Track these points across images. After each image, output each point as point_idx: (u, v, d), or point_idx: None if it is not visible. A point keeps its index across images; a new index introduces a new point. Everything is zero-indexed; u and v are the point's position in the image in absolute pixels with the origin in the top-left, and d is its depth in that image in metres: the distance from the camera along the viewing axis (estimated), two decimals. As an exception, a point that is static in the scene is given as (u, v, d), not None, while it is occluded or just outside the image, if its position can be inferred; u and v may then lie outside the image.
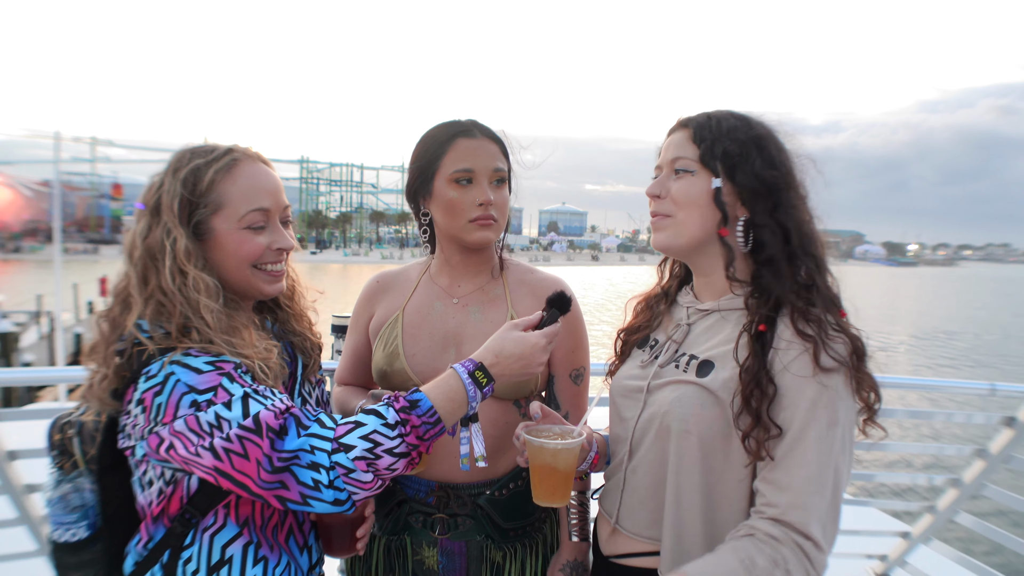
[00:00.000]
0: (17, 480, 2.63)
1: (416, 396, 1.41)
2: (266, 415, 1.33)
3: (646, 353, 1.69)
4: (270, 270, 1.58)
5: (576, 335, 1.92)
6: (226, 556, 1.49)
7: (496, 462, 1.82)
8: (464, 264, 1.94)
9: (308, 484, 1.32)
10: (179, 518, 1.47)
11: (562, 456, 1.50)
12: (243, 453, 1.30)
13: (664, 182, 1.59)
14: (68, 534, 1.51)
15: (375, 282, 2.08)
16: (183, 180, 1.48)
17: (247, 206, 1.52)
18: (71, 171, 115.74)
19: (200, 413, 1.32)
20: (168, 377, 1.35)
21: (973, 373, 28.56)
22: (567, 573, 1.87)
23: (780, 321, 1.44)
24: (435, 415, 1.40)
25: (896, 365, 30.43)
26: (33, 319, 25.88)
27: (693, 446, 1.48)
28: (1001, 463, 3.08)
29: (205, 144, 1.56)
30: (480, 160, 1.81)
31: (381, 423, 1.36)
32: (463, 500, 1.84)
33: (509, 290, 1.93)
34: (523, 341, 1.49)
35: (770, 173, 1.51)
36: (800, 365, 1.38)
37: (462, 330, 1.89)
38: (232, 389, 1.36)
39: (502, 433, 1.81)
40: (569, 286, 1.94)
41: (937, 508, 3.31)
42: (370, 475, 1.34)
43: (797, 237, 1.51)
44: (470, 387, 1.44)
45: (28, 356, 20.32)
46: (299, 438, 1.34)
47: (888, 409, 3.71)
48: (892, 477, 3.97)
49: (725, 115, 1.57)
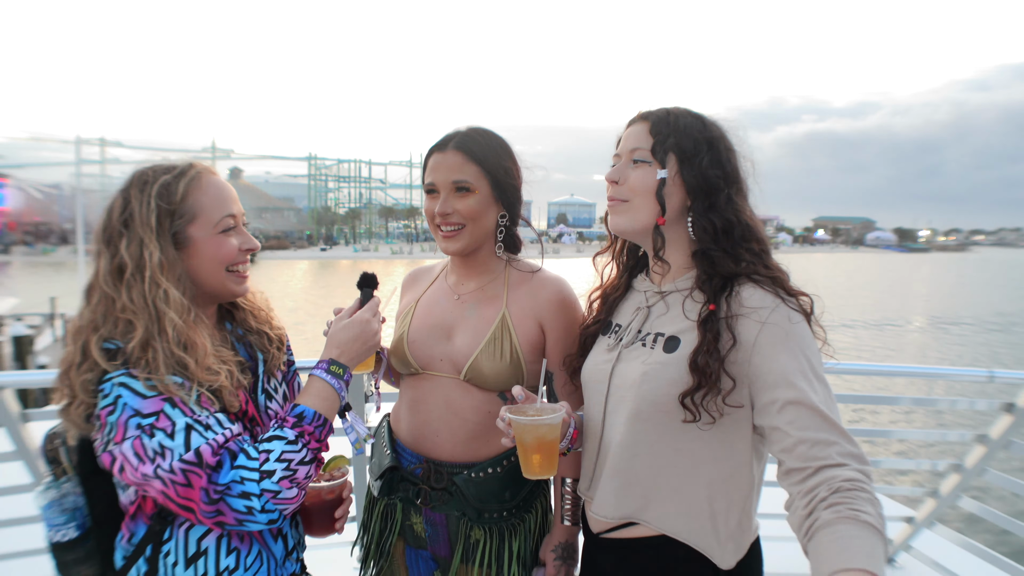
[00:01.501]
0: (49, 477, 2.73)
1: (299, 410, 1.58)
2: (206, 450, 1.44)
3: (611, 337, 1.80)
4: (240, 271, 1.69)
5: (572, 333, 2.00)
6: (201, 548, 1.60)
7: (479, 447, 1.94)
8: (464, 265, 2.07)
9: (241, 511, 1.46)
10: (156, 516, 1.58)
11: (546, 430, 1.62)
12: (187, 483, 1.43)
13: (623, 169, 1.70)
14: (59, 535, 1.62)
15: (409, 276, 2.28)
16: (157, 194, 1.56)
17: (220, 212, 1.63)
18: (83, 173, 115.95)
19: (145, 438, 1.42)
20: (117, 399, 1.44)
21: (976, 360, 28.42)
22: (558, 554, 1.97)
23: (738, 293, 1.55)
24: (320, 417, 1.58)
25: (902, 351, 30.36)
26: (47, 322, 26.00)
27: (663, 418, 1.59)
28: (1001, 448, 3.13)
29: (161, 162, 1.64)
30: (439, 174, 1.93)
31: (285, 443, 1.52)
32: (442, 476, 1.96)
33: (508, 290, 2.03)
34: (352, 324, 1.70)
35: (714, 172, 1.63)
36: (775, 317, 1.50)
37: (456, 324, 2.00)
38: (173, 416, 1.44)
39: (484, 420, 1.92)
40: (568, 285, 2.05)
41: (940, 493, 3.37)
42: (294, 490, 1.51)
43: (736, 230, 1.62)
44: (334, 382, 1.64)
45: (43, 359, 20.46)
46: (231, 471, 1.46)
47: (893, 396, 3.77)
48: (896, 463, 4.02)
49: (683, 112, 1.69)
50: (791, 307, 1.52)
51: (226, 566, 1.62)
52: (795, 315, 1.51)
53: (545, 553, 2.00)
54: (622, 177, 1.70)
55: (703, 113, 1.72)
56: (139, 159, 1.87)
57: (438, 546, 2.00)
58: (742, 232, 1.63)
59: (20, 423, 2.61)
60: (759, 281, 1.56)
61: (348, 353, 1.68)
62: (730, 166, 1.67)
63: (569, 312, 2.01)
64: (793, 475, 1.38)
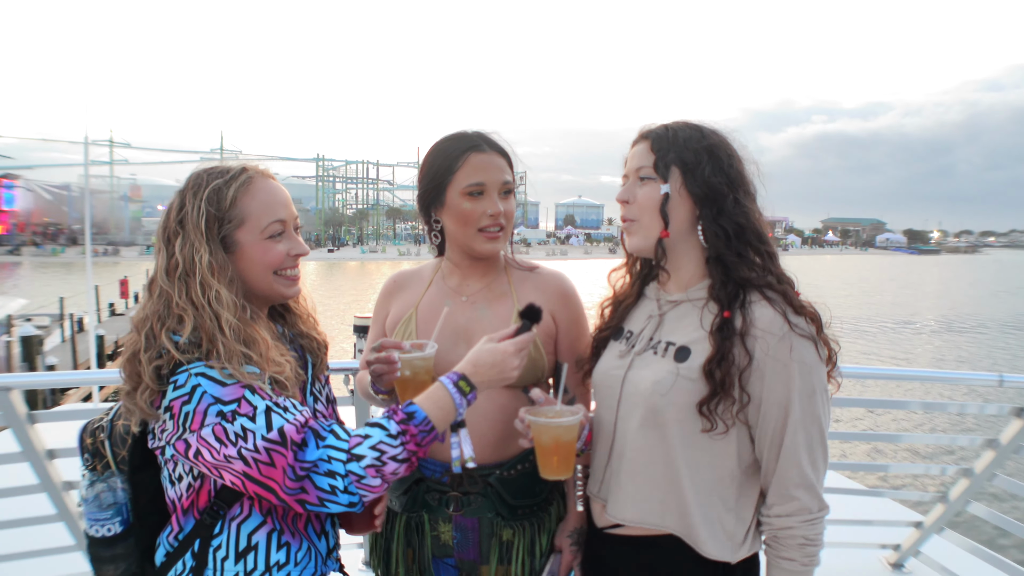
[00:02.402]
0: (57, 477, 2.74)
1: (412, 408, 1.56)
2: (289, 429, 1.47)
3: (623, 343, 1.84)
4: (289, 275, 1.73)
5: (579, 326, 2.07)
6: (252, 543, 1.62)
7: (507, 445, 1.96)
8: (472, 267, 2.07)
9: (325, 489, 1.47)
10: (208, 510, 1.60)
11: (563, 431, 1.66)
12: (270, 462, 1.45)
13: (631, 189, 1.75)
14: (104, 530, 1.65)
15: (392, 281, 2.22)
16: (207, 199, 1.61)
17: (267, 218, 1.66)
18: (91, 173, 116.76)
19: (227, 423, 1.45)
20: (195, 388, 1.48)
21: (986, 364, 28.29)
22: (573, 539, 2.01)
23: (750, 307, 1.62)
24: (429, 424, 1.55)
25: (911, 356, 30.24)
26: (56, 322, 26.13)
27: (675, 427, 1.65)
28: (1011, 453, 3.10)
29: (218, 165, 1.69)
30: (490, 174, 1.93)
31: (385, 434, 1.51)
32: (475, 479, 1.97)
33: (514, 287, 2.06)
34: (495, 351, 1.66)
35: (718, 179, 1.67)
36: (779, 351, 1.58)
37: (471, 326, 2.00)
38: (254, 401, 1.48)
39: (510, 418, 1.91)
40: (569, 279, 2.11)
41: (949, 498, 3.33)
42: (378, 480, 1.50)
43: (747, 233, 1.67)
44: (456, 396, 1.60)
45: (52, 359, 20.55)
46: (318, 449, 1.48)
47: (902, 400, 3.75)
48: (905, 468, 4.02)
49: (681, 126, 1.74)
50: (798, 333, 1.58)
51: (276, 560, 1.64)
52: (799, 343, 1.58)
53: (561, 539, 2.03)
54: (631, 196, 1.74)
55: (701, 122, 1.76)
56: (147, 160, 1.89)
57: (466, 551, 2.00)
58: (752, 235, 1.67)
59: (27, 424, 2.62)
60: (771, 299, 1.61)
61: (481, 375, 1.64)
62: (733, 171, 1.70)
63: (575, 304, 2.07)
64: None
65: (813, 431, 1.59)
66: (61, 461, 2.73)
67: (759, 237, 1.68)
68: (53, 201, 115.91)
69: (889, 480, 10.75)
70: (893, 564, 3.62)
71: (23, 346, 20.00)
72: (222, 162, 1.70)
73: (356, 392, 2.24)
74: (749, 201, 1.71)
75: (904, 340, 34.00)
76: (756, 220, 1.70)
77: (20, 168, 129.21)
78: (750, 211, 1.69)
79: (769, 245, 1.70)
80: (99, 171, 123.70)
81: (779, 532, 1.64)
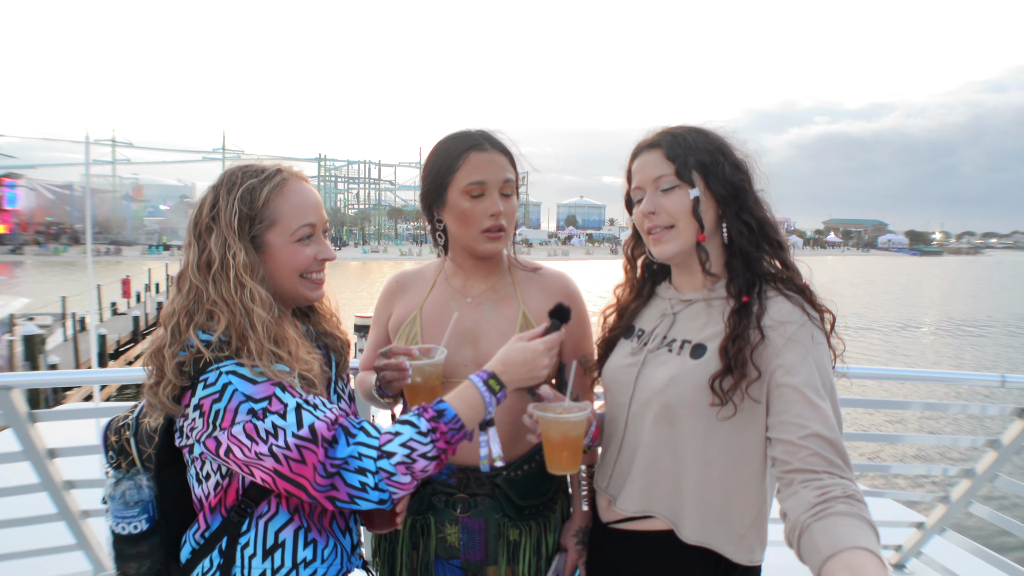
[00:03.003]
0: (57, 477, 2.74)
1: (442, 406, 1.56)
2: (320, 426, 1.47)
3: (634, 342, 1.85)
4: (315, 278, 1.74)
5: (583, 326, 2.08)
6: (279, 540, 1.63)
7: (513, 446, 1.96)
8: (476, 268, 2.06)
9: (356, 487, 1.47)
10: (236, 508, 1.61)
11: (571, 427, 1.68)
12: (300, 459, 1.45)
13: (654, 199, 1.74)
14: (131, 527, 1.65)
15: (394, 282, 2.21)
16: (240, 197, 1.61)
17: (298, 221, 1.67)
18: (93, 173, 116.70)
19: (257, 421, 1.46)
20: (226, 386, 1.48)
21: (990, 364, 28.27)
22: (579, 538, 2.02)
23: (767, 300, 1.64)
24: (459, 422, 1.55)
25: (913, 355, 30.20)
26: (58, 321, 26.14)
27: (690, 422, 1.66)
28: (1013, 454, 3.11)
29: (253, 164, 1.69)
30: (491, 173, 1.91)
31: (416, 431, 1.51)
32: (482, 481, 1.98)
33: (519, 287, 2.06)
34: (526, 350, 1.67)
35: (738, 176, 1.70)
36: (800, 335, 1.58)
37: (477, 327, 2.00)
38: (285, 399, 1.49)
39: (517, 420, 1.91)
40: (572, 280, 2.11)
41: (951, 499, 3.34)
42: (408, 477, 1.50)
43: (761, 228, 1.70)
44: (486, 394, 1.61)
45: (54, 358, 20.57)
46: (348, 446, 1.48)
47: (904, 400, 3.76)
48: (907, 468, 4.00)
49: (686, 130, 1.75)
50: (816, 325, 1.60)
51: (303, 558, 1.65)
52: (818, 335, 1.59)
53: (566, 539, 2.04)
54: (657, 207, 1.73)
55: (701, 125, 1.78)
56: (149, 159, 1.90)
57: (472, 552, 2.00)
58: (770, 228, 1.71)
59: (28, 423, 2.62)
60: (789, 295, 1.63)
61: (510, 373, 1.65)
62: (744, 169, 1.74)
63: (579, 303, 2.06)
64: (800, 474, 1.45)
65: (828, 396, 1.51)
66: (62, 460, 2.73)
67: (775, 229, 1.72)
68: (55, 200, 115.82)
69: (891, 480, 10.75)
70: (895, 564, 3.62)
71: (25, 345, 20.01)
72: (257, 161, 1.70)
73: (356, 392, 2.23)
74: (760, 196, 1.75)
75: (906, 341, 33.96)
76: (768, 214, 1.74)
77: (22, 167, 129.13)
78: (766, 206, 1.74)
79: (782, 236, 1.73)
80: (101, 170, 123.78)
81: (848, 490, 1.38)
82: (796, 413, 1.50)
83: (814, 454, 1.45)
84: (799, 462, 1.46)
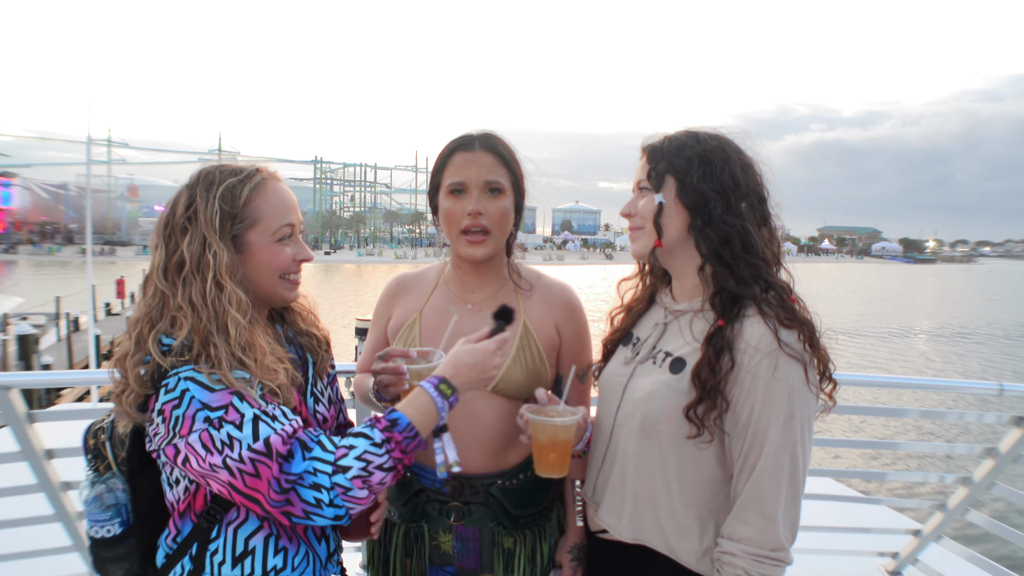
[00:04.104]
0: (55, 477, 2.72)
1: (395, 415, 1.54)
2: (275, 440, 1.44)
3: (629, 350, 1.85)
4: (292, 279, 1.72)
5: (583, 338, 2.05)
6: (249, 547, 1.61)
7: (508, 455, 1.96)
8: (473, 272, 2.03)
9: (311, 503, 1.45)
10: (205, 514, 1.58)
11: (560, 430, 1.69)
12: (255, 473, 1.43)
13: (634, 201, 1.77)
14: (104, 530, 1.63)
15: (395, 284, 2.18)
16: (221, 196, 1.59)
17: (279, 221, 1.66)
18: (88, 173, 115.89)
19: (213, 430, 1.43)
20: (184, 392, 1.46)
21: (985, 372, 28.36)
22: (574, 555, 2.00)
23: (743, 320, 1.59)
24: (413, 430, 1.53)
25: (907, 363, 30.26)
26: (52, 321, 26.07)
27: (667, 437, 1.65)
28: (1010, 462, 3.11)
29: (227, 163, 1.67)
30: (471, 173, 1.89)
31: (370, 443, 1.49)
32: (476, 489, 1.96)
33: (521, 298, 2.02)
34: (475, 351, 1.66)
35: (707, 186, 1.64)
36: (762, 368, 1.54)
37: None
38: (242, 409, 1.46)
39: (512, 429, 1.92)
40: (574, 292, 2.08)
41: (948, 506, 3.34)
42: (365, 491, 1.48)
43: (744, 240, 1.63)
44: (438, 400, 1.59)
45: (47, 358, 20.51)
46: (304, 461, 1.46)
47: (901, 408, 3.76)
48: (904, 476, 4.01)
49: (679, 134, 1.73)
50: (786, 352, 1.53)
51: (273, 566, 1.63)
52: (784, 364, 1.53)
53: (561, 555, 2.02)
54: (633, 209, 1.77)
55: (701, 128, 1.74)
56: (145, 160, 1.88)
57: (467, 560, 1.99)
58: (741, 243, 1.63)
59: (26, 423, 2.60)
60: (765, 313, 1.57)
61: (462, 376, 1.64)
62: (726, 176, 1.66)
63: (580, 317, 2.04)
64: None
65: (784, 459, 1.54)
66: (60, 461, 2.72)
67: (748, 246, 1.63)
68: (50, 200, 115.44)
69: (887, 488, 10.78)
70: (891, 572, 3.62)
71: (19, 345, 19.97)
72: (231, 160, 1.68)
73: (355, 395, 2.22)
74: (747, 207, 1.67)
75: (900, 348, 34.03)
76: (751, 227, 1.65)
77: (17, 166, 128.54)
78: (746, 218, 1.66)
79: (759, 254, 1.65)
80: (97, 170, 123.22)
81: (722, 556, 1.59)
82: (741, 480, 1.58)
83: (736, 500, 1.59)
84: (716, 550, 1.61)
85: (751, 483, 1.55)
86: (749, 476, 1.55)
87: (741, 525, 1.56)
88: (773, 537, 1.53)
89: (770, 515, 1.53)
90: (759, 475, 1.54)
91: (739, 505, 1.57)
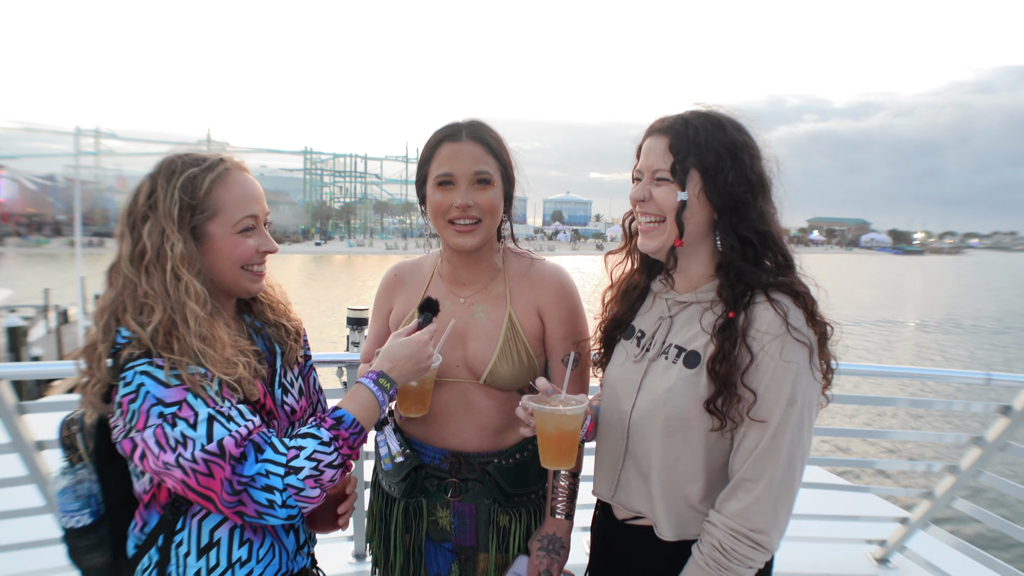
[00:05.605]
0: (45, 469, 2.72)
1: (339, 413, 1.57)
2: (229, 442, 1.45)
3: (634, 345, 1.81)
4: (255, 270, 1.71)
5: (575, 318, 2.04)
6: (214, 539, 1.61)
7: (505, 435, 2.00)
8: (464, 263, 2.03)
9: (263, 504, 1.46)
10: (169, 506, 1.59)
11: (567, 420, 1.67)
12: (208, 473, 1.43)
13: (646, 187, 1.68)
14: (74, 520, 1.64)
15: (392, 275, 2.19)
16: (181, 186, 1.57)
17: (241, 212, 1.64)
18: (76, 164, 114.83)
19: (168, 427, 1.43)
20: (140, 387, 1.45)
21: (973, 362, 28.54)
22: (543, 545, 1.99)
23: (754, 307, 1.57)
24: (358, 425, 1.58)
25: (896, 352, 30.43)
26: (41, 313, 25.92)
27: (690, 431, 1.63)
28: (997, 451, 3.14)
29: (192, 152, 1.65)
30: (459, 164, 1.88)
31: (318, 443, 1.51)
32: (473, 467, 1.99)
33: (509, 288, 2.02)
34: (408, 343, 1.72)
35: (743, 187, 1.61)
36: (772, 348, 1.53)
37: (467, 329, 1.99)
38: (196, 406, 1.46)
39: (508, 414, 1.96)
40: (565, 272, 2.06)
41: (935, 494, 3.38)
42: (317, 490, 1.50)
43: (767, 242, 1.62)
44: (379, 394, 1.64)
45: (37, 350, 20.39)
46: (256, 463, 1.46)
47: (889, 397, 3.78)
48: (891, 464, 4.04)
49: (703, 122, 1.63)
50: (794, 336, 1.52)
51: (238, 557, 1.63)
52: (791, 346, 1.53)
53: (532, 543, 2.02)
54: (647, 194, 1.68)
55: (722, 114, 1.67)
56: (134, 151, 1.86)
57: (464, 536, 2.02)
58: (772, 243, 1.63)
59: (16, 415, 2.59)
60: (775, 300, 1.56)
61: (399, 369, 1.69)
62: (755, 174, 1.63)
63: (567, 301, 2.02)
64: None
65: (782, 443, 1.53)
66: (50, 452, 2.71)
67: (777, 245, 1.64)
68: (37, 191, 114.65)
69: (876, 476, 10.85)
70: (879, 559, 3.65)
71: (8, 337, 19.86)
72: (195, 149, 1.66)
73: (350, 386, 2.22)
74: (769, 207, 1.66)
75: (892, 337, 34.21)
76: (776, 226, 1.65)
77: (3, 158, 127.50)
78: (769, 218, 1.65)
79: (786, 253, 1.65)
80: (85, 161, 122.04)
81: (705, 524, 1.61)
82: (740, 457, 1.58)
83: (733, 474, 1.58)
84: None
85: (748, 463, 1.55)
86: (748, 456, 1.55)
87: (729, 500, 1.57)
88: (757, 518, 1.53)
89: (760, 496, 1.53)
90: (757, 455, 1.54)
91: (733, 483, 1.57)
